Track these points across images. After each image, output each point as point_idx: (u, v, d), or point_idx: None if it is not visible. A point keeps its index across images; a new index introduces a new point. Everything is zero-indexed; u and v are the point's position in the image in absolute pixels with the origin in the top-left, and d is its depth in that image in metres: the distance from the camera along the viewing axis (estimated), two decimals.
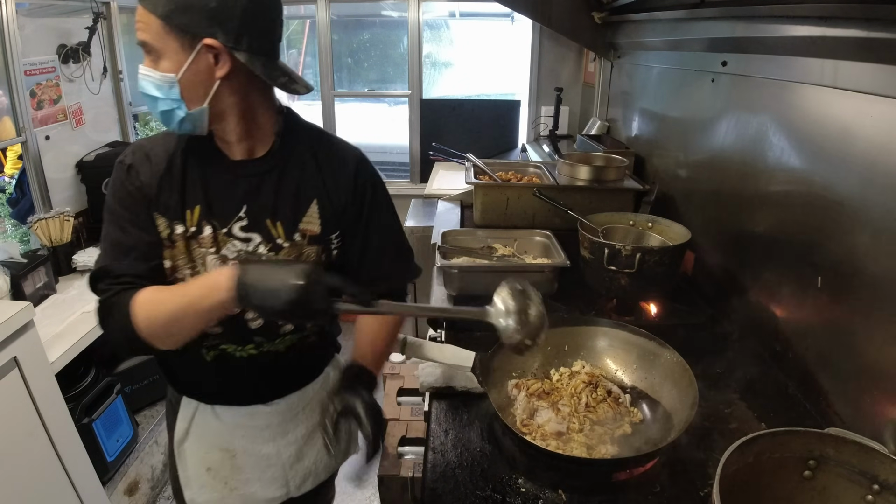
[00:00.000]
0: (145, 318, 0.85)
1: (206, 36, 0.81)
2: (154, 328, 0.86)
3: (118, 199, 0.93)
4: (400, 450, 1.54)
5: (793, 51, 1.17)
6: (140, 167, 0.93)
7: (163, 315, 0.85)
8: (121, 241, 0.92)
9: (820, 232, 1.11)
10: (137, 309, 0.85)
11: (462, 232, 1.77)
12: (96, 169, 2.50)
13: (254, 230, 0.95)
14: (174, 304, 0.85)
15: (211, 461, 1.10)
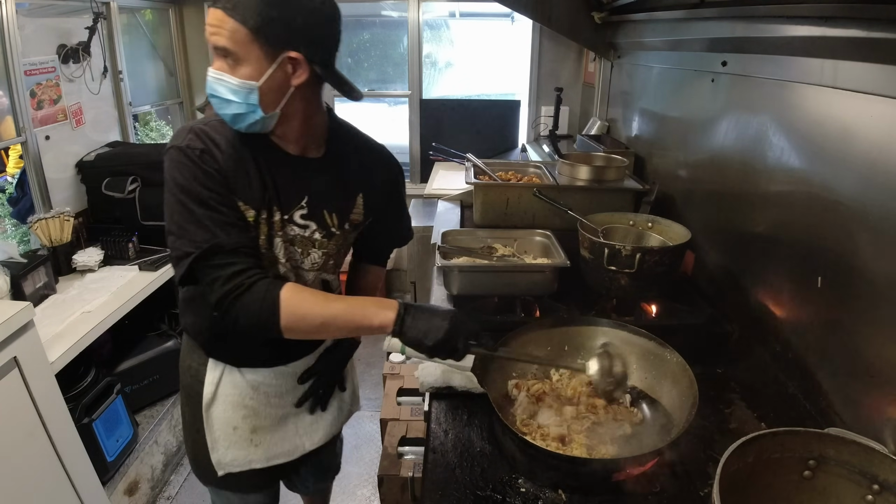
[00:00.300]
0: (293, 314, 0.93)
1: (290, 49, 0.90)
2: (299, 325, 0.94)
3: (199, 181, 0.94)
4: (400, 450, 1.54)
5: (793, 51, 1.17)
6: (213, 152, 0.96)
7: (316, 317, 0.94)
8: (218, 219, 0.94)
9: (820, 232, 1.11)
10: (286, 303, 0.93)
11: (462, 232, 1.77)
12: (96, 169, 2.50)
13: (311, 219, 1.08)
14: (332, 312, 0.95)
15: (237, 420, 1.20)
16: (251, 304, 0.93)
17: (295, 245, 1.08)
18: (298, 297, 0.95)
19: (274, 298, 0.93)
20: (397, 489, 1.76)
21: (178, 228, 0.95)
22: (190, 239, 0.93)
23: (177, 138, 0.98)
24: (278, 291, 0.93)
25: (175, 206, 0.95)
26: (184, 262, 0.94)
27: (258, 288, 0.93)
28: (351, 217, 1.13)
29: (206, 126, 0.99)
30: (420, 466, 1.42)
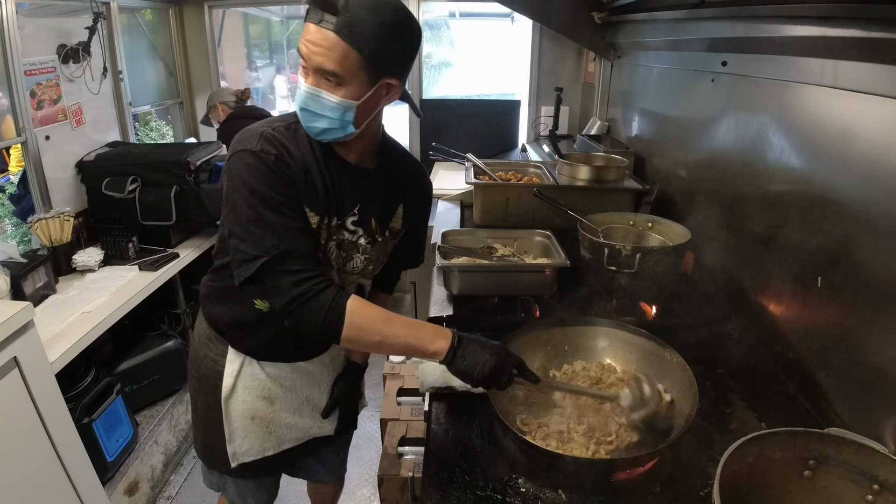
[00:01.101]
0: (357, 326, 0.96)
1: (391, 76, 0.96)
2: (360, 337, 0.97)
3: (271, 185, 0.96)
4: (400, 450, 1.54)
5: (793, 51, 1.17)
6: (286, 159, 0.98)
7: (377, 334, 0.97)
8: (288, 224, 0.96)
9: (820, 232, 1.11)
10: (352, 315, 0.96)
11: (462, 232, 1.77)
12: (96, 169, 2.50)
13: (360, 225, 1.12)
14: (392, 332, 0.97)
15: (255, 410, 1.23)
16: (318, 311, 0.95)
17: (342, 249, 1.12)
18: (363, 311, 0.97)
19: (341, 308, 0.95)
20: (397, 489, 1.75)
21: (245, 231, 0.96)
22: (257, 242, 0.95)
23: (248, 142, 0.98)
24: (345, 301, 0.96)
25: (244, 208, 0.96)
26: (250, 264, 0.95)
27: (326, 295, 0.95)
28: (391, 225, 1.18)
29: (275, 132, 1.01)
30: (420, 466, 1.42)
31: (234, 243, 0.97)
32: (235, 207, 0.97)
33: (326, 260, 1.11)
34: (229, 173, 0.99)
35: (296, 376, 1.26)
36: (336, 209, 1.08)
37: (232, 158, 0.99)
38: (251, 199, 0.95)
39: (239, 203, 0.96)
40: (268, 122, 1.04)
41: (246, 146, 0.98)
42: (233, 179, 0.97)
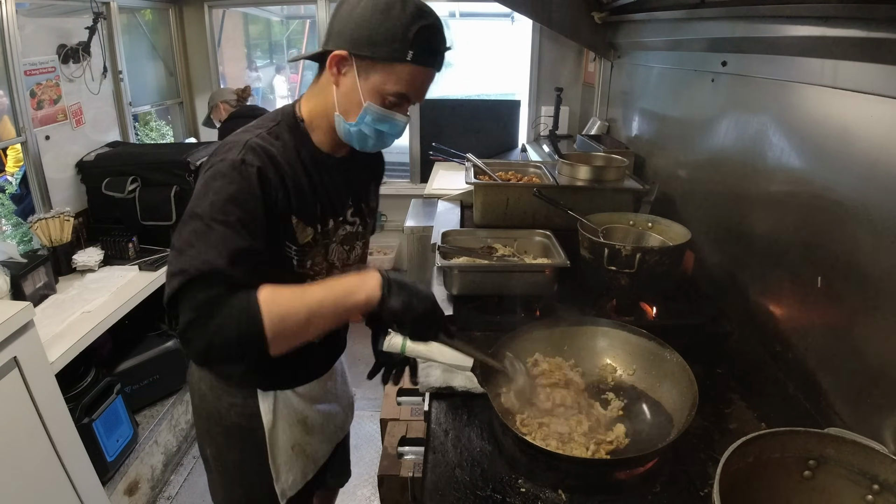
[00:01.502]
0: (277, 315, 0.83)
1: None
2: (285, 326, 0.84)
3: (239, 200, 0.88)
4: (400, 450, 1.54)
5: (793, 51, 1.17)
6: (269, 171, 0.93)
7: (300, 312, 0.86)
8: (238, 245, 0.86)
9: (820, 232, 1.11)
10: (266, 306, 0.82)
11: (462, 232, 1.77)
12: (96, 169, 2.50)
13: (356, 214, 1.13)
14: (313, 301, 0.87)
15: (294, 438, 1.20)
16: (230, 319, 0.82)
17: (345, 244, 1.12)
18: (275, 295, 0.85)
19: (252, 303, 0.82)
20: (397, 489, 1.75)
21: (186, 243, 0.85)
22: (193, 257, 0.83)
23: (230, 150, 0.92)
24: (255, 295, 0.83)
25: (193, 221, 0.86)
26: (173, 280, 0.83)
27: (234, 299, 0.83)
28: (371, 204, 1.20)
29: (262, 140, 0.95)
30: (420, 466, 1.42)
31: (170, 258, 0.86)
32: (187, 219, 0.87)
33: (330, 263, 1.10)
34: (201, 181, 0.91)
35: (321, 389, 1.25)
36: (337, 208, 1.08)
37: (208, 167, 0.92)
38: (210, 210, 0.86)
39: (195, 213, 0.87)
40: (252, 129, 0.99)
41: (227, 155, 0.91)
42: (199, 191, 0.89)
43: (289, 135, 1.01)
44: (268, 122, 1.02)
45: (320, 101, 1.01)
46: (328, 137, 1.04)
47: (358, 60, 0.93)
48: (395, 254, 3.69)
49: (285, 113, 1.04)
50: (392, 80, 0.94)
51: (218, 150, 0.95)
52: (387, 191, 3.73)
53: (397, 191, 3.71)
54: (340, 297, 0.89)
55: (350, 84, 0.95)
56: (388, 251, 3.70)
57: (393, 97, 0.95)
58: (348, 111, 0.97)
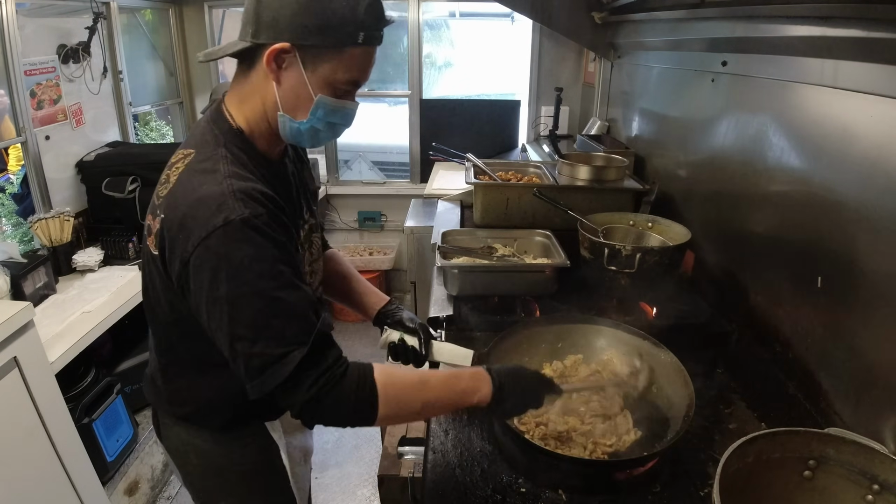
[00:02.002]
0: (393, 404, 0.84)
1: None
2: (397, 414, 0.86)
3: (277, 257, 0.79)
4: (400, 450, 1.54)
5: (793, 51, 1.17)
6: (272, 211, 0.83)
7: (415, 404, 0.87)
8: (306, 298, 0.82)
9: (820, 232, 1.11)
10: (384, 392, 0.83)
11: (462, 232, 1.77)
12: (96, 169, 2.50)
13: (308, 209, 1.07)
14: (431, 396, 0.88)
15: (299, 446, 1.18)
16: (344, 401, 0.81)
17: (311, 246, 1.07)
18: (394, 381, 0.84)
19: (370, 388, 0.82)
20: (397, 489, 1.75)
21: (259, 328, 0.77)
22: (277, 336, 0.77)
23: (222, 207, 0.77)
24: (371, 377, 0.82)
25: (251, 300, 0.77)
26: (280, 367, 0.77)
27: (349, 380, 0.81)
28: (310, 187, 1.13)
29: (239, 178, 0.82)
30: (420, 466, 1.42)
31: (242, 348, 0.78)
32: (237, 302, 0.77)
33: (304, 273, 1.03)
34: (213, 262, 0.77)
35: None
36: (299, 213, 1.02)
37: (210, 240, 0.76)
38: (260, 283, 0.77)
39: (241, 295, 0.77)
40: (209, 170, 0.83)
41: (227, 216, 0.76)
42: (222, 267, 0.76)
43: (242, 154, 0.88)
44: (212, 148, 0.87)
45: (256, 104, 0.89)
46: (270, 142, 0.94)
47: (302, 51, 0.82)
48: (395, 254, 3.69)
49: (222, 130, 0.89)
50: (343, 67, 0.84)
51: (195, 212, 0.78)
52: (387, 191, 3.74)
53: (397, 191, 3.71)
54: (456, 397, 0.90)
55: (294, 79, 0.84)
56: (388, 251, 3.70)
57: (345, 85, 0.87)
58: (296, 109, 0.87)
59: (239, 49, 0.86)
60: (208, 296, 0.78)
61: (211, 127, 0.90)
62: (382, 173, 4.21)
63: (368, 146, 4.26)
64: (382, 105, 4.74)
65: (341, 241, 3.83)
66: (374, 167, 4.24)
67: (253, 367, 0.78)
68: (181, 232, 0.79)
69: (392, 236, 3.81)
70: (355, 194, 3.75)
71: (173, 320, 0.92)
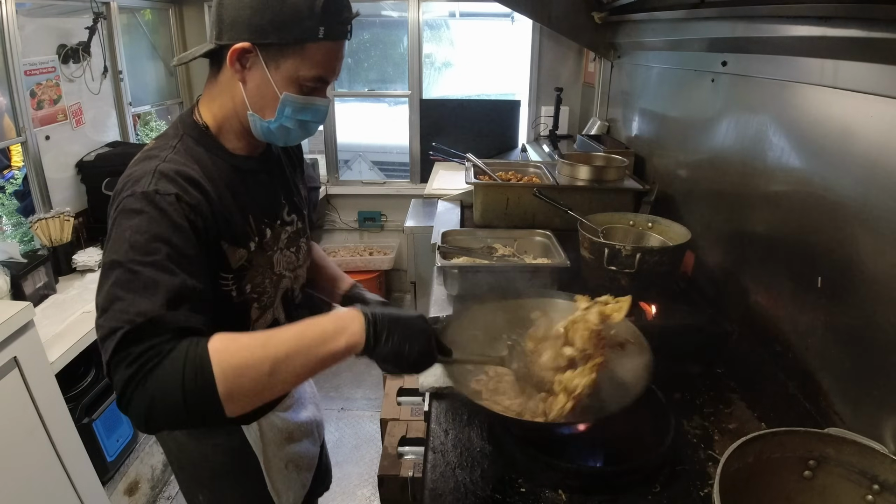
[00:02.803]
0: (232, 368, 0.69)
1: None
2: (243, 381, 0.70)
3: (162, 235, 0.76)
4: (400, 450, 1.54)
5: (793, 51, 1.17)
6: (188, 195, 0.81)
7: (263, 364, 0.71)
8: (172, 285, 0.73)
9: (820, 232, 1.11)
10: (218, 356, 0.69)
11: (462, 232, 1.77)
12: (96, 169, 2.51)
13: (293, 211, 1.05)
14: (279, 350, 0.72)
15: (287, 456, 1.14)
16: (170, 373, 0.67)
17: (290, 246, 1.04)
18: (229, 344, 0.71)
19: (202, 352, 0.69)
20: (397, 489, 1.76)
21: (111, 299, 0.71)
22: (122, 311, 0.70)
23: (137, 182, 0.79)
24: (204, 345, 0.70)
25: (115, 270, 0.73)
26: (108, 342, 0.69)
27: (176, 351, 0.69)
28: (302, 193, 1.12)
29: (173, 163, 0.83)
30: (420, 466, 1.42)
31: (96, 318, 0.73)
32: (106, 270, 0.75)
33: (278, 277, 1.01)
34: (109, 229, 0.78)
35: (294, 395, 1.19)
36: (273, 213, 1.00)
37: (116, 204, 0.79)
38: (129, 254, 0.73)
39: (110, 263, 0.74)
40: (154, 152, 0.85)
41: (135, 188, 0.78)
42: (111, 235, 0.77)
43: (199, 148, 0.89)
44: (169, 140, 0.89)
45: (226, 102, 0.91)
46: (243, 140, 0.94)
47: (263, 50, 0.83)
48: (395, 254, 3.69)
49: (185, 125, 0.92)
50: (307, 64, 0.85)
51: (120, 187, 0.82)
52: (387, 191, 3.74)
53: (397, 191, 3.71)
54: (314, 344, 0.74)
55: (259, 78, 0.85)
56: (388, 251, 3.71)
57: (310, 82, 0.87)
58: (263, 108, 0.88)
59: (206, 51, 0.89)
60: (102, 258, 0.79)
61: (177, 123, 0.94)
62: (382, 173, 4.21)
63: (368, 146, 4.26)
64: (382, 105, 4.74)
65: (341, 241, 3.83)
66: (374, 167, 4.24)
67: (100, 340, 0.71)
68: (108, 208, 0.84)
69: (392, 236, 3.81)
70: (355, 194, 3.75)
71: None
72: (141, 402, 0.68)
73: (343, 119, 3.76)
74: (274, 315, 1.04)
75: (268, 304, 1.01)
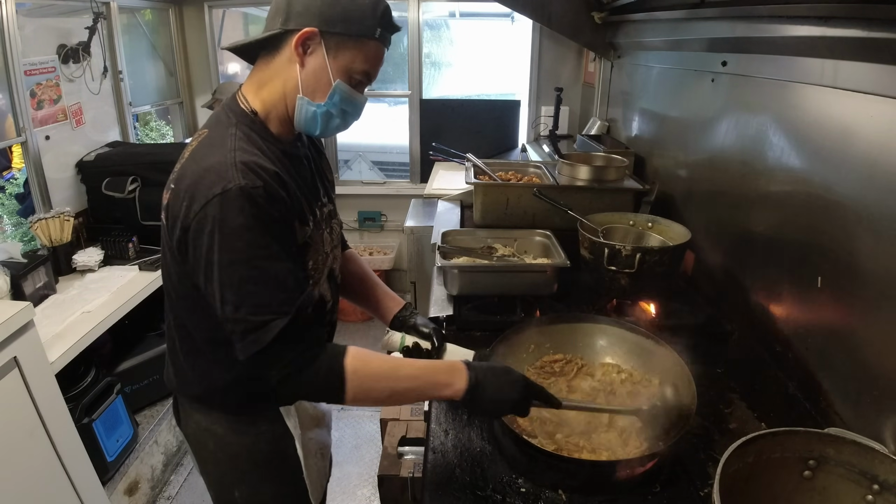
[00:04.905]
0: (361, 389, 0.88)
1: None
2: (366, 398, 0.91)
3: (268, 228, 0.84)
4: (400, 450, 1.54)
5: (793, 51, 1.17)
6: (270, 186, 0.86)
7: (385, 390, 0.90)
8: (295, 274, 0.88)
9: (820, 232, 1.11)
10: (353, 377, 0.87)
11: (462, 232, 1.77)
12: (96, 169, 2.51)
13: (326, 193, 1.10)
14: (401, 385, 0.91)
15: (318, 442, 1.18)
16: (315, 382, 0.87)
17: (327, 227, 1.09)
18: (365, 368, 0.89)
19: (339, 370, 0.87)
20: (397, 489, 1.75)
21: (245, 295, 0.82)
22: (262, 304, 0.83)
23: (223, 179, 0.82)
24: (342, 361, 0.87)
25: (239, 267, 0.82)
26: (263, 332, 0.82)
27: (321, 361, 0.87)
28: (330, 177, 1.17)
29: (245, 153, 0.87)
30: (420, 466, 1.42)
31: (229, 312, 0.83)
32: (227, 268, 0.82)
33: (326, 254, 1.06)
34: (210, 227, 0.81)
35: None
36: (316, 194, 1.05)
37: (208, 207, 0.81)
38: (248, 251, 0.82)
39: (231, 262, 0.82)
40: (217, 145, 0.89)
41: (225, 184, 0.81)
42: (216, 233, 0.81)
43: (254, 134, 0.93)
44: (224, 128, 0.92)
45: (276, 87, 0.94)
46: (285, 125, 0.98)
47: (326, 38, 0.89)
48: (395, 254, 3.69)
49: (235, 113, 0.95)
50: (361, 58, 0.92)
51: (199, 181, 0.84)
52: (387, 191, 3.74)
53: (397, 191, 3.71)
54: (426, 388, 0.92)
55: (318, 63, 0.91)
56: (388, 251, 3.71)
57: (359, 76, 0.94)
58: (315, 91, 0.93)
59: (266, 36, 0.92)
60: (205, 260, 0.83)
61: (226, 111, 0.97)
62: (382, 173, 4.21)
63: (368, 146, 4.26)
64: (382, 105, 4.74)
65: None
66: (374, 167, 4.24)
67: (237, 332, 0.84)
68: (185, 199, 0.84)
69: (392, 236, 3.81)
70: (355, 194, 3.75)
71: (182, 295, 0.96)
72: (286, 392, 0.89)
73: None
74: (320, 291, 1.07)
75: (317, 280, 1.05)
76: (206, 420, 1.08)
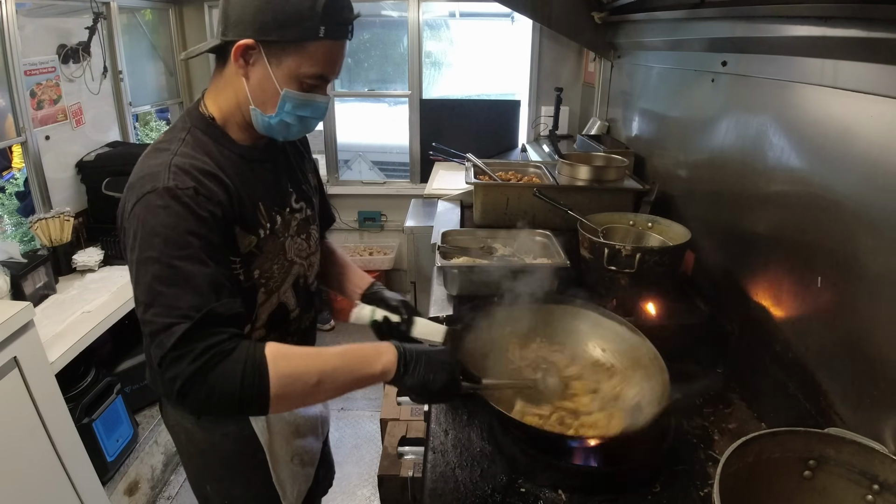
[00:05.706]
0: (286, 375, 0.79)
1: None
2: (293, 388, 0.80)
3: (189, 228, 0.81)
4: (400, 450, 1.54)
5: (793, 51, 1.17)
6: (205, 188, 0.85)
7: (311, 375, 0.82)
8: (211, 276, 0.81)
9: (820, 232, 1.11)
10: (274, 363, 0.79)
11: (462, 232, 1.77)
12: (96, 169, 2.50)
13: (301, 199, 1.07)
14: (328, 365, 0.83)
15: (293, 449, 1.16)
16: (231, 373, 0.76)
17: (300, 234, 1.07)
18: (287, 354, 0.82)
19: (259, 360, 0.78)
20: (397, 489, 1.75)
21: (153, 295, 0.77)
22: (170, 305, 0.77)
23: (155, 179, 0.82)
24: (262, 351, 0.79)
25: (151, 266, 0.78)
26: (164, 336, 0.76)
27: (237, 353, 0.78)
28: (311, 182, 1.15)
29: (184, 157, 0.87)
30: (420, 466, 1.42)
31: (141, 313, 0.79)
32: (140, 267, 0.79)
33: (289, 264, 1.04)
34: (135, 226, 0.81)
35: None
36: (282, 200, 1.02)
37: (137, 206, 0.81)
38: (164, 250, 0.78)
39: (144, 259, 0.79)
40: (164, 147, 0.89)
41: (154, 183, 0.82)
42: (139, 232, 0.80)
43: (207, 139, 0.93)
44: (178, 132, 0.93)
45: (230, 96, 0.93)
46: (246, 132, 0.97)
47: (266, 47, 0.86)
48: (395, 254, 3.69)
49: (192, 117, 0.95)
50: (307, 62, 0.88)
51: (136, 182, 0.85)
52: (387, 191, 3.74)
53: (397, 191, 3.71)
54: (355, 364, 0.87)
55: (262, 74, 0.88)
56: (388, 251, 3.71)
57: (311, 79, 0.90)
58: (265, 103, 0.91)
59: (212, 46, 0.91)
60: (128, 259, 0.83)
61: (184, 116, 0.97)
62: (382, 173, 4.21)
63: (368, 146, 4.26)
64: (382, 105, 4.74)
65: (341, 241, 3.83)
66: (374, 167, 4.24)
67: (146, 334, 0.79)
68: (124, 201, 0.86)
69: (392, 236, 3.81)
70: (355, 194, 3.75)
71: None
72: (199, 394, 0.76)
73: (343, 119, 3.76)
74: (280, 299, 1.06)
75: (274, 288, 1.04)
76: (177, 415, 1.10)
